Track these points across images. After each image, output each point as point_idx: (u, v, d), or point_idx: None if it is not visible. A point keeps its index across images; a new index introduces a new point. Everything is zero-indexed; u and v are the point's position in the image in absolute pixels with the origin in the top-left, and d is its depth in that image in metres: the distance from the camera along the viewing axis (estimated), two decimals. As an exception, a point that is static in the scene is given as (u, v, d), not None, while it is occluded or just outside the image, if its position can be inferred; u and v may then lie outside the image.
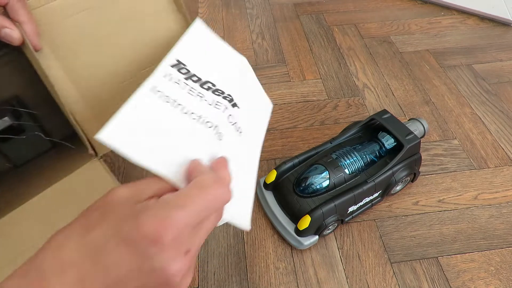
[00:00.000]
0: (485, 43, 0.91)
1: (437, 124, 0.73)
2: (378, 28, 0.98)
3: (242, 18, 1.05)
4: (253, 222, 0.59)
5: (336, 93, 0.80)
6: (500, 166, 0.65)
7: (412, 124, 0.60)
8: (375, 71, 0.85)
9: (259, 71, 0.87)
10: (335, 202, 0.51)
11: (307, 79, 0.84)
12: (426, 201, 0.60)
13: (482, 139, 0.70)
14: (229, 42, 0.96)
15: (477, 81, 0.81)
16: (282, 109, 0.77)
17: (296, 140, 0.71)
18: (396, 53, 0.90)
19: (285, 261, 0.54)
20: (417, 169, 0.59)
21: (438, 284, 0.51)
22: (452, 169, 0.65)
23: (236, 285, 0.52)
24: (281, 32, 0.99)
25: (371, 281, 0.52)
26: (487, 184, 0.62)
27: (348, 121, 0.74)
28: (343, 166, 0.55)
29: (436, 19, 1.00)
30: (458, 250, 0.54)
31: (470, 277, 0.52)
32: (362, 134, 0.61)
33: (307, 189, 0.54)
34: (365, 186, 0.53)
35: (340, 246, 0.55)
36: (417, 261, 0.53)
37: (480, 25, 0.98)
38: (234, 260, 0.54)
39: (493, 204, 0.60)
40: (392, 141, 0.57)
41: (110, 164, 0.68)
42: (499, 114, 0.74)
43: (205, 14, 1.07)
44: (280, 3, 1.10)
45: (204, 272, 0.53)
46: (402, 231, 0.57)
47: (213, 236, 0.57)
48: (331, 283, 0.52)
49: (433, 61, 0.87)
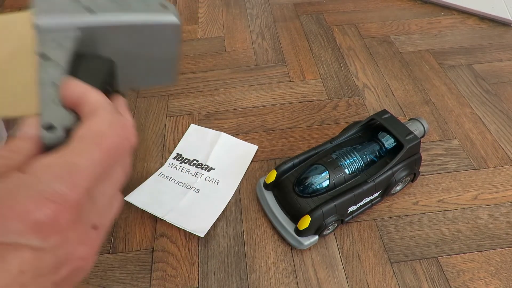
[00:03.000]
0: (485, 43, 0.91)
1: (437, 124, 0.73)
2: (378, 28, 0.98)
3: (242, 18, 1.05)
4: (253, 222, 0.59)
5: (336, 93, 0.80)
6: (500, 166, 0.65)
7: (412, 124, 0.60)
8: (375, 71, 0.85)
9: (259, 71, 0.87)
10: (335, 202, 0.51)
11: (307, 79, 0.84)
12: (426, 201, 0.60)
13: (482, 139, 0.70)
14: (229, 42, 0.97)
15: (477, 81, 0.81)
16: (282, 109, 0.77)
17: (296, 140, 0.71)
18: (396, 53, 0.90)
19: (285, 261, 0.54)
20: (417, 169, 0.59)
21: (438, 284, 0.51)
22: (452, 169, 0.65)
23: (236, 285, 0.52)
24: (281, 32, 0.99)
25: (371, 281, 0.52)
26: (487, 184, 0.62)
27: (348, 121, 0.74)
28: (343, 166, 0.55)
29: (436, 19, 1.00)
30: (458, 250, 0.54)
31: (470, 277, 0.52)
32: (362, 134, 0.61)
33: (307, 189, 0.54)
34: (365, 186, 0.53)
35: (340, 246, 0.55)
36: (417, 261, 0.53)
37: (480, 25, 0.98)
38: (234, 260, 0.54)
39: (493, 204, 0.60)
40: (392, 141, 0.57)
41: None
42: (499, 114, 0.74)
43: (205, 14, 1.07)
44: (280, 3, 1.10)
45: (204, 272, 0.53)
46: (402, 231, 0.57)
47: (213, 236, 0.57)
48: (331, 283, 0.52)
49: (433, 61, 0.87)
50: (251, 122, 0.74)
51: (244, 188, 0.63)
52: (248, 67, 0.88)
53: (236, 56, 0.91)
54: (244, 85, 0.83)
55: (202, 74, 0.87)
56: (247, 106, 0.78)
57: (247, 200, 0.62)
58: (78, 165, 0.16)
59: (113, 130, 0.18)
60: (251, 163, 0.67)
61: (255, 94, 0.81)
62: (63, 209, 0.15)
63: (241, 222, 0.59)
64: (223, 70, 0.87)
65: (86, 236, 0.17)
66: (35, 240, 0.15)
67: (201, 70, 0.88)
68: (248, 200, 0.62)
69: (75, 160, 0.16)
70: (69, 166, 0.16)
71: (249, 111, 0.77)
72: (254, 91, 0.81)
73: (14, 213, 0.15)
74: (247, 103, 0.79)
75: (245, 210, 0.60)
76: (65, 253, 0.16)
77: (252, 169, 0.66)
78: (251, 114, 0.76)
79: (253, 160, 0.67)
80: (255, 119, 0.75)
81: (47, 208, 0.15)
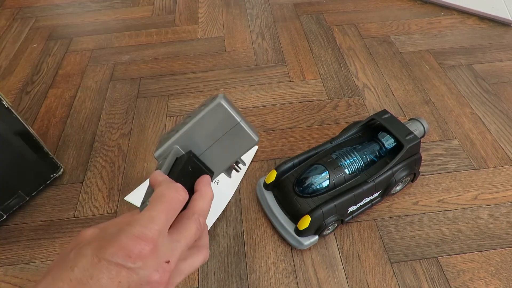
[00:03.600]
0: (485, 43, 0.91)
1: (437, 124, 0.73)
2: (378, 28, 0.98)
3: (242, 18, 1.05)
4: (253, 222, 0.59)
5: (336, 93, 0.80)
6: (500, 166, 0.65)
7: (412, 124, 0.60)
8: (375, 71, 0.85)
9: (259, 71, 0.87)
10: (335, 202, 0.51)
11: (307, 79, 0.84)
12: (426, 201, 0.60)
13: (482, 139, 0.70)
14: (229, 42, 0.97)
15: (477, 81, 0.81)
16: (282, 109, 0.77)
17: (296, 140, 0.71)
18: (396, 53, 0.90)
19: (285, 261, 0.54)
20: (417, 169, 0.59)
21: (438, 284, 0.51)
22: (452, 169, 0.65)
23: (236, 285, 0.52)
24: (281, 32, 0.99)
25: (371, 281, 0.52)
26: (487, 184, 0.62)
27: (348, 121, 0.74)
28: (343, 166, 0.55)
29: (436, 19, 1.00)
30: (458, 250, 0.54)
31: (470, 277, 0.52)
32: (362, 134, 0.61)
33: (307, 189, 0.54)
34: (365, 186, 0.53)
35: (340, 246, 0.55)
36: (417, 261, 0.53)
37: (480, 25, 0.98)
38: (234, 260, 0.54)
39: (493, 204, 0.60)
40: (392, 141, 0.57)
41: (110, 164, 0.68)
42: (499, 114, 0.74)
43: (205, 14, 1.07)
44: (280, 3, 1.10)
45: (204, 272, 0.53)
46: (402, 231, 0.57)
47: (213, 236, 0.57)
48: (331, 283, 0.52)
49: (433, 61, 0.87)
50: (251, 122, 0.74)
51: (244, 188, 0.63)
52: (248, 67, 0.88)
53: (236, 56, 0.91)
54: (244, 85, 0.83)
55: (202, 74, 0.87)
56: (247, 106, 0.78)
57: (247, 200, 0.62)
58: (152, 216, 0.26)
59: (169, 192, 0.28)
60: (251, 163, 0.67)
61: (255, 94, 0.81)
62: (146, 244, 0.24)
63: (241, 222, 0.59)
64: (223, 70, 0.87)
65: (160, 266, 0.25)
66: (129, 263, 0.24)
67: (201, 70, 0.88)
68: (248, 200, 0.62)
69: (151, 213, 0.26)
70: (148, 217, 0.26)
71: (249, 111, 0.77)
72: (254, 91, 0.81)
73: (120, 245, 0.24)
74: (247, 103, 0.79)
75: (245, 210, 0.60)
76: (145, 274, 0.24)
77: (252, 169, 0.66)
78: (251, 114, 0.76)
79: (253, 160, 0.67)
80: (255, 119, 0.75)
81: (137, 244, 0.24)
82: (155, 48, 0.95)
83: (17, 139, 0.56)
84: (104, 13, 1.10)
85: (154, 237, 0.25)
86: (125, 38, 0.99)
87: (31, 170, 0.61)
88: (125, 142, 0.72)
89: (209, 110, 0.34)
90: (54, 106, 0.80)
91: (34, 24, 1.07)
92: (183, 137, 0.35)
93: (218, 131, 0.35)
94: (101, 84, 0.85)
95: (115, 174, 0.66)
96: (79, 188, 0.64)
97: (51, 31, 1.03)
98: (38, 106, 0.80)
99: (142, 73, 0.88)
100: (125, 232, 0.25)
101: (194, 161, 0.35)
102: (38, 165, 0.61)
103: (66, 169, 0.67)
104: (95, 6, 1.13)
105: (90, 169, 0.67)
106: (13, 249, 0.57)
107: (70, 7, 1.14)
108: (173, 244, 0.27)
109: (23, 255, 0.56)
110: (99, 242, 0.25)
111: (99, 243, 0.25)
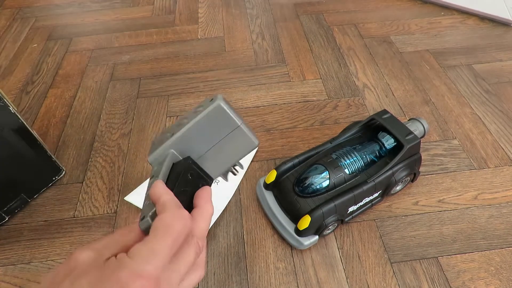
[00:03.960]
0: (485, 43, 0.91)
1: (437, 124, 0.73)
2: (378, 28, 0.98)
3: (242, 18, 1.05)
4: (253, 222, 0.59)
5: (336, 93, 0.80)
6: (500, 166, 0.65)
7: (412, 124, 0.60)
8: (375, 71, 0.85)
9: (259, 71, 0.87)
10: (335, 202, 0.51)
11: (307, 79, 0.84)
12: (426, 201, 0.60)
13: (482, 139, 0.70)
14: (229, 42, 0.97)
15: (477, 81, 0.81)
16: (282, 109, 0.77)
17: (296, 140, 0.71)
18: (396, 53, 0.90)
19: (285, 261, 0.54)
20: (417, 169, 0.59)
21: (438, 284, 0.51)
22: (452, 169, 0.65)
23: (236, 285, 0.52)
24: (281, 32, 0.99)
25: (371, 281, 0.52)
26: (487, 184, 0.62)
27: (348, 121, 0.74)
28: (343, 166, 0.55)
29: (436, 19, 1.00)
30: (458, 250, 0.54)
31: (470, 277, 0.52)
32: (362, 134, 0.61)
33: (307, 189, 0.54)
34: (365, 186, 0.53)
35: (340, 246, 0.55)
36: (417, 261, 0.53)
37: (480, 25, 0.98)
38: (234, 260, 0.54)
39: (493, 204, 0.60)
40: (392, 141, 0.57)
41: (110, 164, 0.68)
42: (499, 114, 0.74)
43: (205, 14, 1.07)
44: (280, 3, 1.10)
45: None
46: (402, 231, 0.57)
47: (213, 236, 0.57)
48: (331, 283, 0.52)
49: (433, 61, 0.87)
50: (251, 122, 0.74)
51: (244, 188, 0.63)
52: (248, 67, 0.88)
53: (236, 56, 0.91)
54: (244, 85, 0.83)
55: (202, 74, 0.87)
56: (247, 106, 0.78)
57: (247, 200, 0.62)
58: (156, 250, 0.25)
59: (176, 221, 0.26)
60: (251, 163, 0.67)
61: (255, 94, 0.81)
62: (148, 282, 0.23)
63: (241, 222, 0.59)
64: (223, 70, 0.87)
65: None
66: None
67: (201, 70, 0.88)
68: (248, 200, 0.62)
69: (154, 246, 0.25)
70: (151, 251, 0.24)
71: (249, 111, 0.77)
72: (254, 91, 0.81)
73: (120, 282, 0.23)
74: (247, 103, 0.79)
75: (245, 210, 0.60)
76: None
77: (252, 169, 0.66)
78: (251, 114, 0.76)
79: (253, 160, 0.67)
80: (255, 119, 0.75)
81: (138, 281, 0.23)
82: (155, 48, 0.95)
83: (20, 142, 0.57)
84: (104, 13, 1.10)
85: (156, 274, 0.24)
86: (125, 38, 0.99)
87: (34, 172, 0.61)
88: (125, 142, 0.72)
89: (208, 113, 0.32)
90: (54, 106, 0.80)
91: (34, 24, 1.07)
92: (179, 141, 0.33)
93: (217, 135, 0.33)
94: (101, 84, 0.85)
95: (115, 174, 0.66)
96: (79, 188, 0.64)
97: (51, 31, 1.03)
98: (38, 106, 0.80)
99: (142, 73, 0.88)
100: (125, 267, 0.23)
101: (193, 168, 0.33)
102: (41, 168, 0.62)
103: (66, 170, 0.67)
104: (95, 6, 1.13)
105: (90, 169, 0.67)
106: (13, 249, 0.57)
107: (70, 7, 1.14)
108: (173, 274, 0.26)
109: (23, 255, 0.56)
110: (96, 274, 0.24)
111: (97, 276, 0.23)
